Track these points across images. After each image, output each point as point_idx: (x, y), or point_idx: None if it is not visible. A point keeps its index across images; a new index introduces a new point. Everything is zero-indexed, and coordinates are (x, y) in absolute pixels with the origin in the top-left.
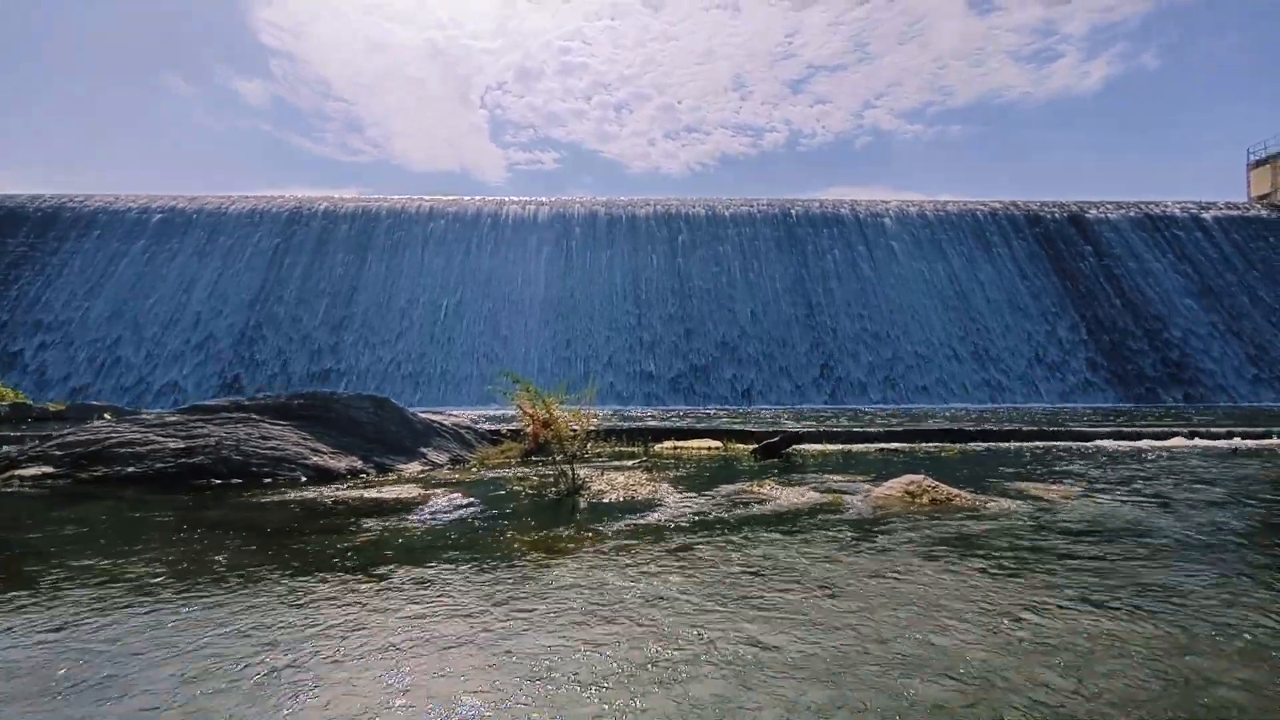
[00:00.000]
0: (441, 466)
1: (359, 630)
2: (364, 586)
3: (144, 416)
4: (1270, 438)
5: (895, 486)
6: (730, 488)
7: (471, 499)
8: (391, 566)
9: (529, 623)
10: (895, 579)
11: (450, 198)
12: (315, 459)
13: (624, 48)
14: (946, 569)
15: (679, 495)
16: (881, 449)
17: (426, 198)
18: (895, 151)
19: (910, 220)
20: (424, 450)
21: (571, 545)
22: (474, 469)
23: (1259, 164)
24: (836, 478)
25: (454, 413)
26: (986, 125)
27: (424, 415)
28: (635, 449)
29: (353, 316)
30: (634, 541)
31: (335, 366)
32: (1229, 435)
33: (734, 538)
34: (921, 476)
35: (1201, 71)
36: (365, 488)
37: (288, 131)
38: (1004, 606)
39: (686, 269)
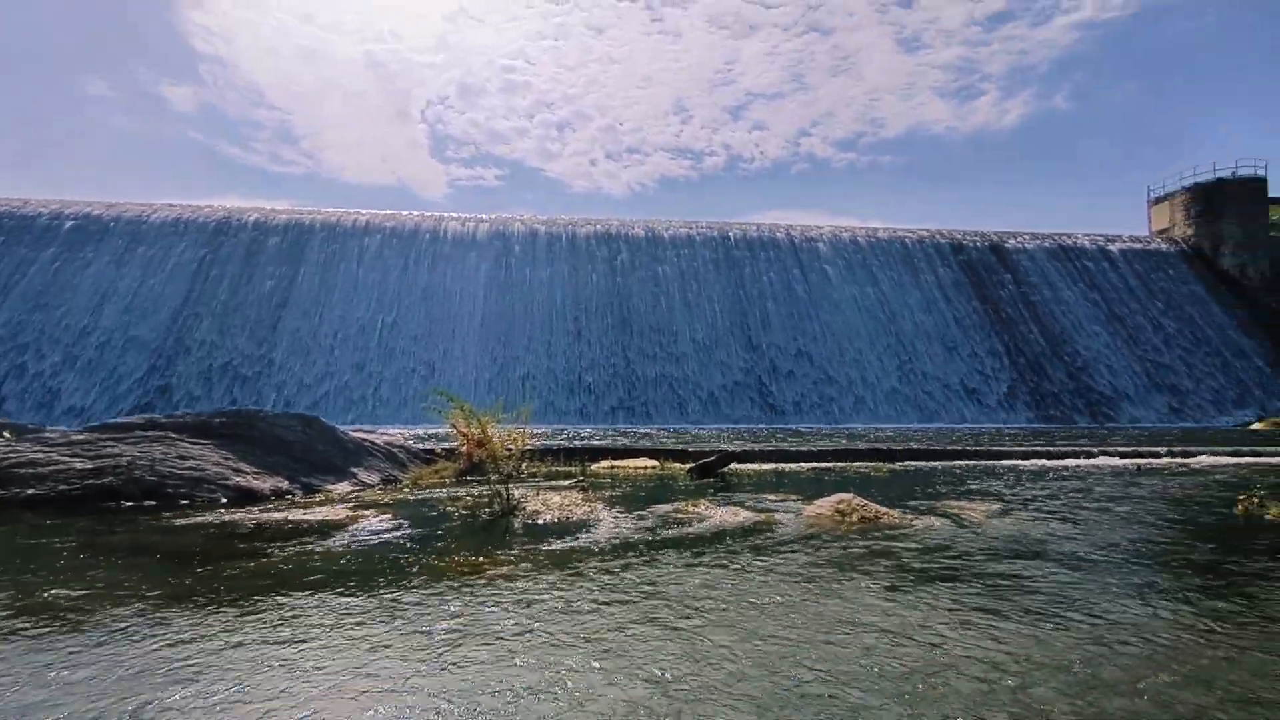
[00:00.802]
0: (373, 487)
1: (197, 673)
2: (224, 622)
3: (48, 435)
4: (1167, 457)
5: (826, 505)
6: (666, 507)
7: (400, 521)
8: (277, 597)
9: (387, 661)
10: (817, 601)
11: (388, 212)
12: (237, 479)
13: (566, 68)
14: (869, 590)
15: (614, 516)
16: (814, 468)
17: (363, 211)
18: (830, 178)
19: (843, 245)
20: (355, 470)
21: (478, 573)
22: (406, 489)
23: (1158, 201)
24: (770, 497)
25: (388, 431)
26: (915, 156)
27: (356, 434)
28: (572, 468)
29: (283, 332)
30: (557, 567)
31: (265, 383)
32: (1135, 455)
33: (662, 560)
34: (851, 495)
35: (1107, 113)
36: (290, 509)
37: (216, 139)
38: (920, 627)
39: (626, 289)
